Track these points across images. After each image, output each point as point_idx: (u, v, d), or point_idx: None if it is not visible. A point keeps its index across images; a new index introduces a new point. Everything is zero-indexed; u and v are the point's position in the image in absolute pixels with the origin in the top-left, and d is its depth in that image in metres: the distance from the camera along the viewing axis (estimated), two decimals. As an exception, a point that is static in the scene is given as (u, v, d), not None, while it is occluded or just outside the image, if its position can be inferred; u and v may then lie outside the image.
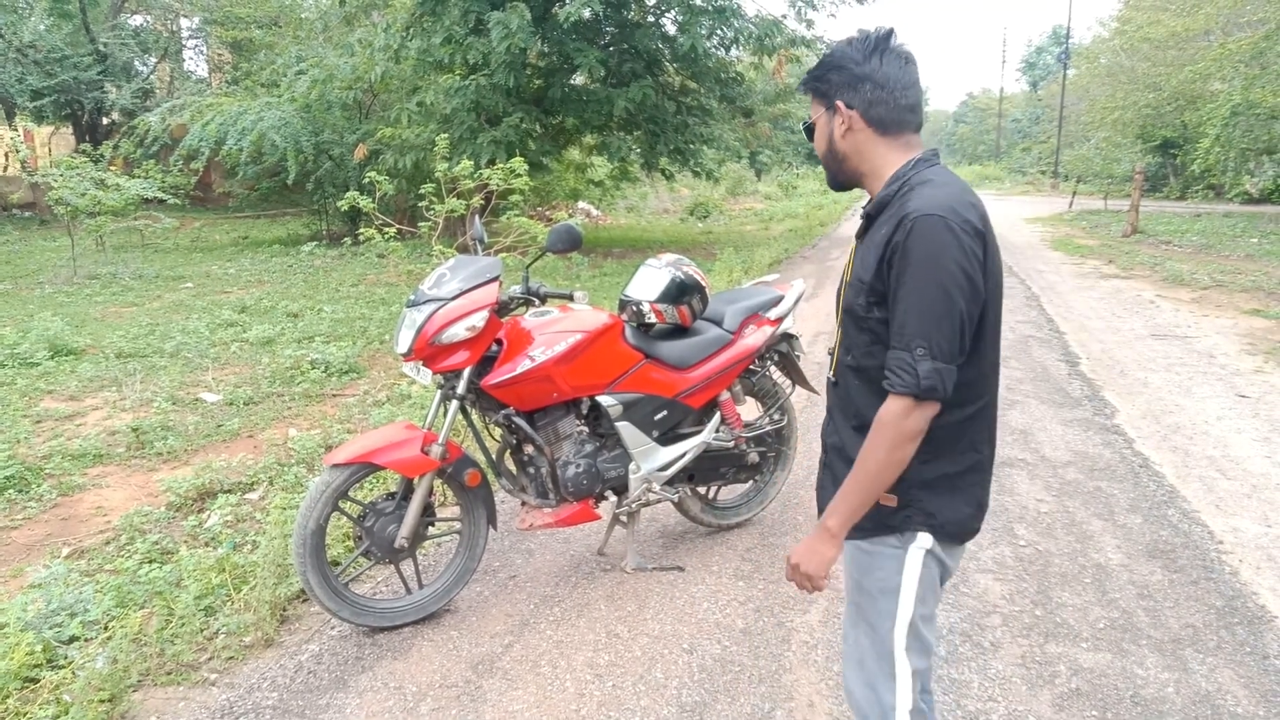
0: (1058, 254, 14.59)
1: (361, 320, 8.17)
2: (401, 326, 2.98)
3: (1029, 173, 45.94)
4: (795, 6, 13.20)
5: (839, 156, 1.73)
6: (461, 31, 11.08)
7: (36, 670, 2.68)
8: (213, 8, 21.18)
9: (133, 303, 9.55)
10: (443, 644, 2.99)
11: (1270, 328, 8.19)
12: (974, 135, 70.34)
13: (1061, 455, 4.79)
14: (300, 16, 19.84)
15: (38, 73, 18.03)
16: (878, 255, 1.60)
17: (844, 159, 1.73)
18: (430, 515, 3.13)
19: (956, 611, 3.17)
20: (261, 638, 2.98)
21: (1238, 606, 3.21)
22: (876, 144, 1.68)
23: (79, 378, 6.17)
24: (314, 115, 14.02)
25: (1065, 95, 39.31)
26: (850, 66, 1.66)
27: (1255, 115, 17.18)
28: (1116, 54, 28.13)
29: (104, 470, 4.59)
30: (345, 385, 6.16)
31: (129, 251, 13.37)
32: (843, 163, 1.73)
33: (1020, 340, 7.69)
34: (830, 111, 1.70)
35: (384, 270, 10.95)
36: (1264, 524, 3.93)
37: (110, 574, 3.37)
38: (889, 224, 1.59)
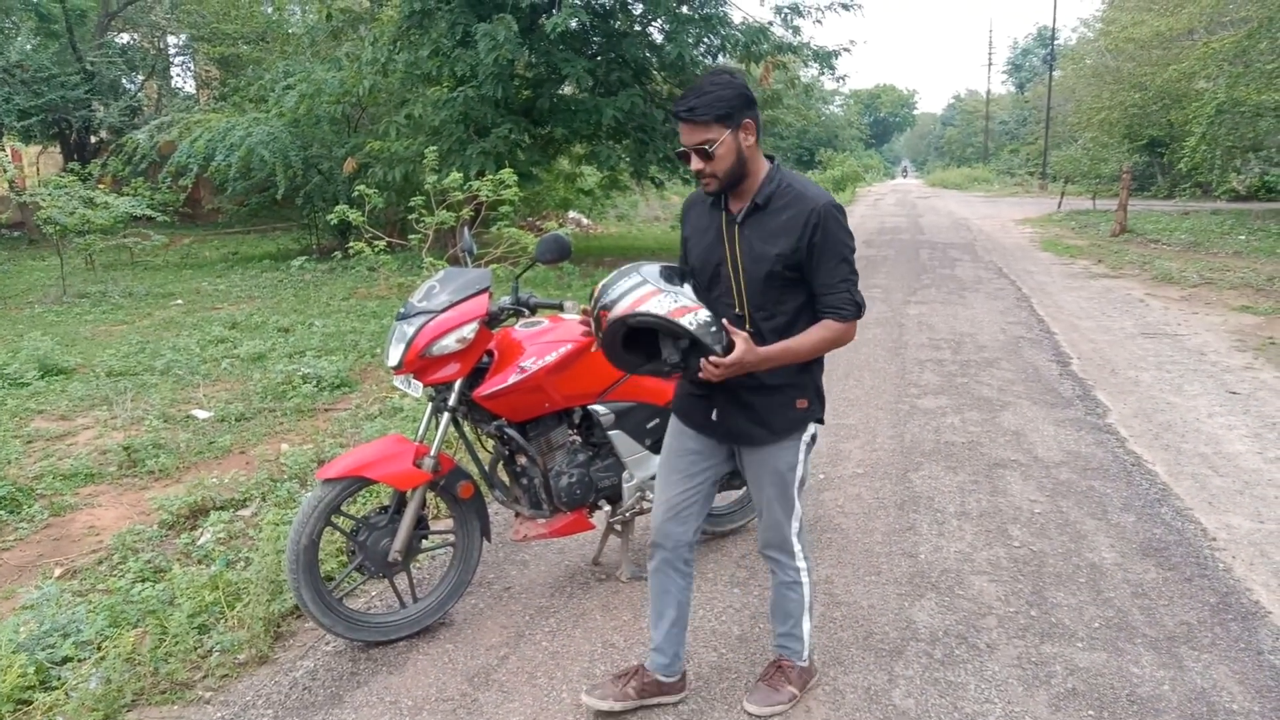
0: (1047, 254, 14.65)
1: (352, 334, 8.15)
2: (392, 340, 2.97)
3: (1017, 174, 46.09)
4: (781, 14, 13.25)
5: (742, 163, 2.25)
6: (449, 44, 11.10)
7: (29, 692, 2.67)
8: (200, 25, 21.14)
9: (123, 321, 9.52)
10: (438, 657, 2.98)
11: (1259, 324, 8.23)
12: (962, 138, 70.57)
13: (1054, 455, 4.80)
14: (287, 32, 19.86)
15: (25, 92, 17.98)
16: (797, 235, 2.23)
17: (744, 165, 2.26)
18: (423, 528, 3.12)
19: (951, 614, 3.17)
20: (256, 655, 2.97)
21: (1232, 603, 3.22)
22: (757, 151, 2.28)
23: (69, 397, 6.15)
24: (302, 130, 14.00)
25: (1052, 96, 39.50)
26: (746, 91, 2.21)
27: (1240, 113, 17.27)
28: (1101, 54, 28.30)
29: (96, 489, 4.57)
30: (337, 399, 6.14)
31: (118, 269, 13.34)
32: (743, 168, 2.26)
33: (1011, 341, 7.71)
34: (735, 130, 2.20)
35: (374, 283, 10.93)
36: (1256, 520, 3.94)
37: (103, 594, 3.35)
38: (791, 212, 2.24)
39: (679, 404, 2.55)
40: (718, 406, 2.41)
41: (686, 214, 2.52)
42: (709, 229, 2.38)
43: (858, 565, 3.58)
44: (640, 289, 2.19)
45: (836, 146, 49.53)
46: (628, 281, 2.22)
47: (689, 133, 2.21)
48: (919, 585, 3.40)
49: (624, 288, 2.20)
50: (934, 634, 3.04)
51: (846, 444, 5.07)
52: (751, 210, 2.29)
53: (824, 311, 2.30)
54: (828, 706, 2.65)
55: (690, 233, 2.47)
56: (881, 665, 2.86)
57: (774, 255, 2.24)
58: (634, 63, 12.54)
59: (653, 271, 2.26)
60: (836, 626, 3.11)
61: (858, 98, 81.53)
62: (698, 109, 2.17)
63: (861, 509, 4.15)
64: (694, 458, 2.51)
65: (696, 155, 2.22)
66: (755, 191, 2.29)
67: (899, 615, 3.18)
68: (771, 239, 2.25)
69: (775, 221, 2.26)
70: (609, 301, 2.19)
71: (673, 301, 2.16)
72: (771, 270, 2.26)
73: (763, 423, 2.39)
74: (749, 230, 2.29)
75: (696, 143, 2.20)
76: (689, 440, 2.52)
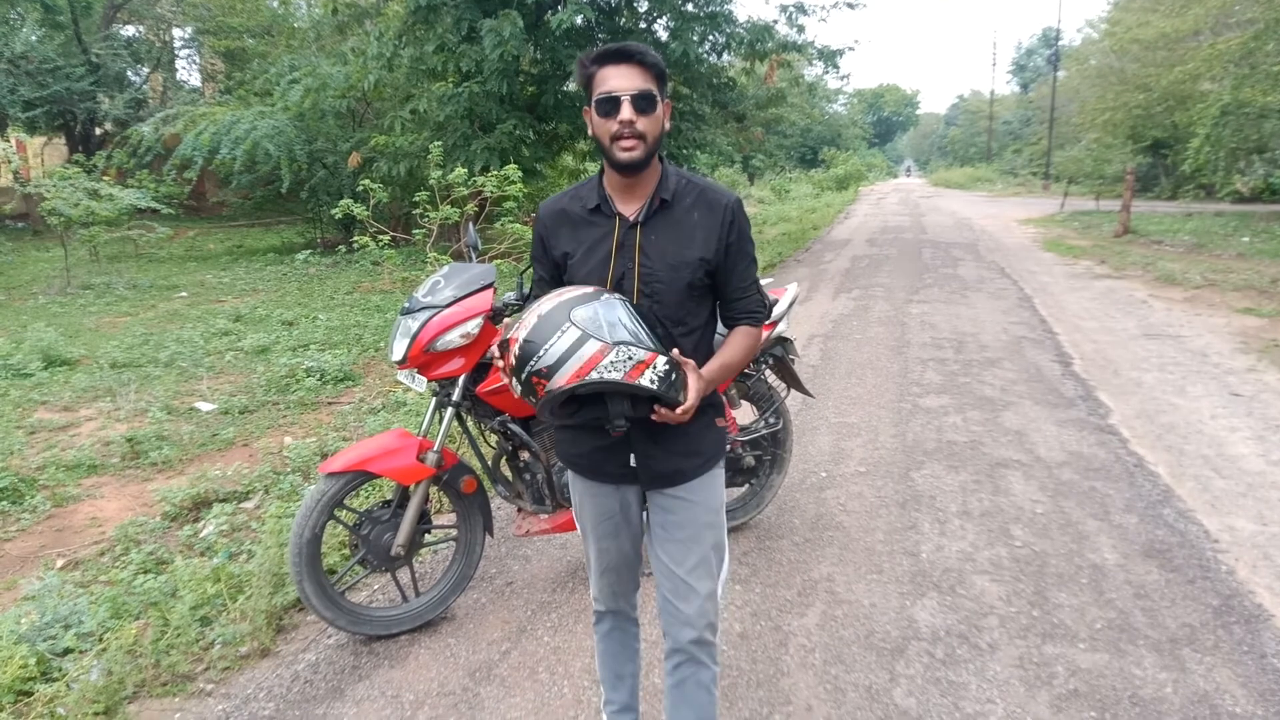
0: (1050, 255, 14.62)
1: (356, 328, 8.16)
2: (396, 334, 2.98)
3: (1020, 174, 46.05)
4: (786, 11, 13.22)
5: (659, 140, 1.91)
6: (454, 39, 11.09)
7: (30, 683, 2.67)
8: (205, 18, 21.15)
9: (127, 313, 9.53)
10: (440, 652, 2.99)
11: (1263, 326, 8.22)
12: (965, 138, 70.52)
13: (1056, 456, 4.80)
14: (293, 26, 19.85)
15: (30, 84, 17.99)
16: (716, 235, 1.94)
17: (659, 144, 1.92)
18: (426, 523, 3.13)
19: (953, 614, 3.17)
20: (258, 647, 2.97)
21: (1234, 605, 3.22)
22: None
23: (73, 388, 6.16)
24: (307, 124, 14.00)
25: (1056, 97, 39.43)
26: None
27: (1245, 114, 17.25)
28: (1106, 55, 28.22)
29: (98, 481, 4.58)
30: (340, 393, 6.14)
31: (123, 261, 13.35)
32: (656, 146, 1.91)
33: (1013, 341, 7.70)
34: (663, 100, 1.90)
35: (378, 278, 10.94)
36: (1260, 522, 3.94)
37: (105, 585, 3.35)
38: (702, 210, 1.95)
39: (581, 460, 2.09)
40: (636, 450, 2.00)
41: (552, 230, 2.04)
42: (598, 241, 1.96)
43: (859, 564, 3.58)
44: (583, 349, 1.72)
45: (840, 145, 49.49)
46: (563, 340, 1.73)
47: (627, 75, 1.84)
48: (921, 584, 3.40)
49: (561, 348, 1.73)
50: (935, 633, 3.04)
51: (848, 442, 5.07)
52: (655, 209, 1.95)
53: (739, 318, 2.05)
54: (829, 705, 2.65)
55: (567, 249, 2.00)
56: (883, 664, 2.86)
57: (696, 260, 1.93)
58: (639, 60, 12.52)
59: (587, 316, 1.75)
60: (838, 625, 3.11)
61: (861, 97, 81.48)
62: (644, 53, 1.86)
63: (863, 507, 4.15)
64: (619, 519, 2.12)
65: (631, 104, 1.83)
66: (657, 186, 1.95)
67: (900, 614, 3.18)
68: (687, 242, 1.94)
69: (687, 222, 1.94)
70: (544, 368, 1.74)
71: (626, 359, 1.73)
72: (693, 279, 1.93)
73: (694, 450, 2.02)
74: (655, 234, 1.94)
75: (639, 89, 1.83)
76: (604, 499, 2.11)
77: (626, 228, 1.95)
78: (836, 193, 34.23)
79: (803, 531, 3.88)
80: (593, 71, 1.87)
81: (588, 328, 1.73)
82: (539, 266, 2.11)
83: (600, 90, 1.85)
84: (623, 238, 1.94)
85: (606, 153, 1.89)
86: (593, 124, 1.89)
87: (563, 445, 2.16)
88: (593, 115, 1.88)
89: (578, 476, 2.15)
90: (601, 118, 1.86)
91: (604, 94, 1.84)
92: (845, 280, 11.51)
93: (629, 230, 1.94)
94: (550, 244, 2.04)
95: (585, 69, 1.89)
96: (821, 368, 6.84)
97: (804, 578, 3.46)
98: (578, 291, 1.81)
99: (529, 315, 1.78)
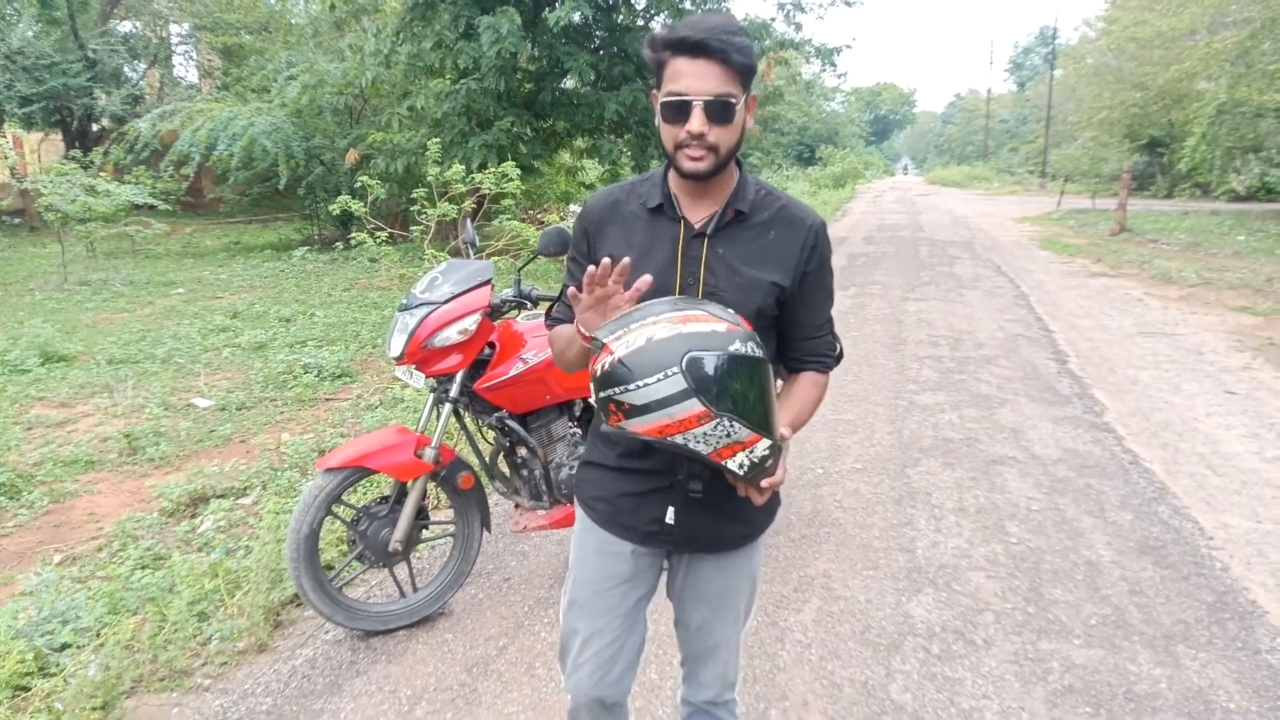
0: (1046, 253, 14.65)
1: (354, 325, 8.15)
2: (394, 331, 2.98)
3: (1017, 173, 46.12)
4: (784, 9, 13.23)
5: (736, 148, 1.60)
6: (451, 36, 11.08)
7: (28, 678, 2.67)
8: (202, 14, 21.10)
9: (124, 309, 9.51)
10: (437, 647, 2.99)
11: (1258, 324, 8.24)
12: (962, 136, 70.62)
13: (1051, 453, 4.81)
14: (290, 22, 19.80)
15: (26, 79, 17.94)
16: (794, 260, 1.65)
17: (737, 149, 1.61)
18: (424, 519, 3.13)
19: (949, 609, 3.19)
20: (255, 643, 2.98)
21: (1229, 602, 3.23)
22: None
23: (70, 384, 6.15)
24: (305, 120, 13.99)
25: (1053, 95, 39.50)
26: (756, 55, 1.56)
27: (1241, 113, 17.30)
28: (1103, 54, 28.27)
29: (96, 477, 4.57)
30: (338, 389, 6.14)
31: (120, 258, 13.32)
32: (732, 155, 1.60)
33: (1009, 339, 7.72)
34: (747, 97, 1.58)
35: (376, 274, 10.93)
36: (1254, 519, 3.95)
37: (102, 580, 3.36)
38: (782, 229, 1.66)
39: (602, 506, 1.76)
40: (676, 504, 1.67)
41: (601, 226, 1.72)
42: (656, 245, 1.65)
43: (855, 560, 3.59)
44: (683, 405, 1.40)
45: (837, 143, 49.53)
46: (664, 385, 1.39)
47: (704, 74, 1.49)
48: (916, 580, 3.41)
49: (658, 394, 1.40)
50: (931, 629, 3.05)
51: (845, 439, 5.08)
52: (727, 221, 1.64)
53: (808, 361, 1.75)
54: (825, 700, 2.66)
55: (615, 251, 1.60)
56: (879, 659, 2.87)
57: (769, 284, 1.63)
58: (636, 57, 12.49)
59: (705, 371, 1.40)
60: (834, 620, 3.12)
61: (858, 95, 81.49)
62: (729, 47, 1.48)
63: (859, 504, 4.16)
64: (625, 587, 1.77)
65: (705, 111, 1.50)
66: (731, 195, 1.65)
67: (896, 610, 3.19)
68: (759, 262, 1.64)
69: (762, 240, 1.65)
70: (628, 404, 1.43)
71: (725, 435, 1.42)
72: (763, 305, 1.63)
73: (742, 516, 1.71)
74: (725, 248, 1.64)
75: (719, 92, 1.50)
76: (618, 563, 1.76)
77: (691, 236, 1.64)
78: (833, 191, 34.21)
79: (799, 528, 3.90)
80: (664, 58, 1.53)
81: (695, 380, 1.39)
82: (575, 268, 1.76)
83: (669, 88, 1.52)
84: (690, 248, 1.64)
85: (670, 157, 1.61)
86: (657, 118, 1.57)
87: (585, 485, 1.81)
88: (657, 109, 1.56)
89: (591, 528, 1.78)
90: (668, 122, 1.54)
91: (673, 95, 1.52)
92: (842, 277, 11.51)
93: (694, 240, 1.64)
94: (596, 243, 1.72)
95: (656, 52, 1.55)
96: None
97: (800, 573, 3.47)
98: (707, 327, 1.43)
99: (637, 330, 1.43)
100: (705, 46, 1.48)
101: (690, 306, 1.47)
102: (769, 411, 1.47)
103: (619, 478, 1.73)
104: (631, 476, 1.71)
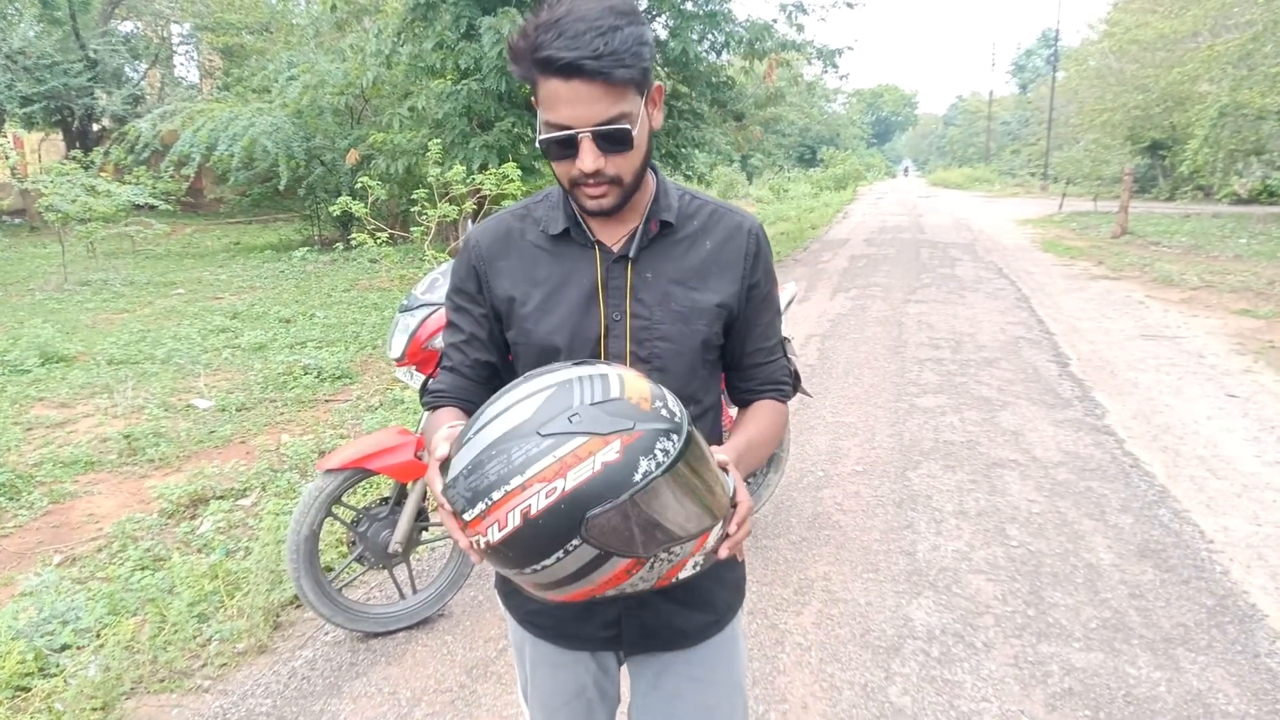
0: (1047, 255, 14.64)
1: (354, 325, 8.16)
2: (394, 331, 2.98)
3: (1019, 175, 46.11)
4: (786, 10, 13.22)
5: (646, 162, 1.29)
6: (453, 37, 11.08)
7: (28, 679, 2.68)
8: (203, 14, 21.13)
9: (124, 309, 9.52)
10: (437, 649, 2.99)
11: (1259, 328, 8.23)
12: (964, 138, 70.63)
13: (1052, 456, 4.81)
14: (291, 22, 19.80)
15: (27, 79, 17.97)
16: (738, 274, 1.35)
17: (648, 162, 1.30)
18: (424, 520, 3.13)
19: (949, 612, 3.18)
20: (255, 644, 2.98)
21: (1229, 605, 3.23)
22: None
23: (70, 385, 6.15)
24: (305, 121, 14.00)
25: (1054, 98, 39.46)
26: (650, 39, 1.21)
27: (1243, 116, 17.30)
28: (1105, 56, 28.26)
29: (95, 477, 4.57)
30: (338, 391, 6.14)
31: (120, 258, 13.33)
32: (641, 175, 1.28)
33: (1011, 341, 7.72)
34: (646, 97, 1.23)
35: (376, 275, 10.94)
36: (1254, 523, 3.95)
37: (102, 581, 3.36)
38: (716, 237, 1.36)
39: (542, 620, 1.42)
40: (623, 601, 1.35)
41: (491, 260, 1.37)
42: (569, 280, 1.33)
43: (855, 562, 3.59)
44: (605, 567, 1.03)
45: (838, 145, 49.56)
46: (570, 560, 1.01)
47: (587, 100, 1.15)
48: (916, 583, 3.41)
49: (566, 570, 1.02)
50: (931, 632, 3.05)
51: (845, 442, 5.08)
52: (651, 237, 1.33)
53: (763, 390, 1.47)
54: (824, 703, 2.66)
55: (515, 294, 1.34)
56: (878, 662, 2.87)
57: (712, 308, 1.33)
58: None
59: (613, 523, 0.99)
60: (834, 624, 3.12)
61: (860, 97, 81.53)
62: (615, 57, 1.13)
63: (860, 506, 4.16)
64: (591, 698, 1.46)
65: (596, 144, 1.18)
66: (651, 205, 1.33)
67: (896, 613, 3.19)
68: (698, 281, 1.33)
69: (696, 254, 1.35)
70: (530, 578, 1.06)
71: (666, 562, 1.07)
72: (708, 335, 1.34)
73: (702, 599, 1.40)
74: (653, 270, 1.33)
75: (606, 119, 1.16)
76: (573, 671, 1.44)
77: (610, 262, 1.32)
78: (835, 192, 34.24)
79: (799, 530, 3.89)
80: (534, 77, 1.18)
81: (616, 543, 1.00)
82: (462, 319, 1.39)
83: (546, 117, 1.18)
84: (611, 279, 1.32)
85: (566, 192, 1.29)
86: (543, 150, 1.22)
87: (516, 597, 1.44)
88: (539, 141, 1.22)
89: (535, 641, 1.45)
90: (553, 159, 1.22)
91: (553, 126, 1.18)
92: (843, 280, 11.52)
93: (614, 265, 1.32)
94: (489, 281, 1.36)
95: (521, 69, 1.20)
96: (819, 367, 6.85)
97: (800, 576, 3.47)
98: (593, 465, 0.98)
99: (501, 502, 0.99)
100: (579, 68, 1.12)
101: (561, 427, 1.00)
102: (710, 496, 1.07)
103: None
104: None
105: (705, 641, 1.41)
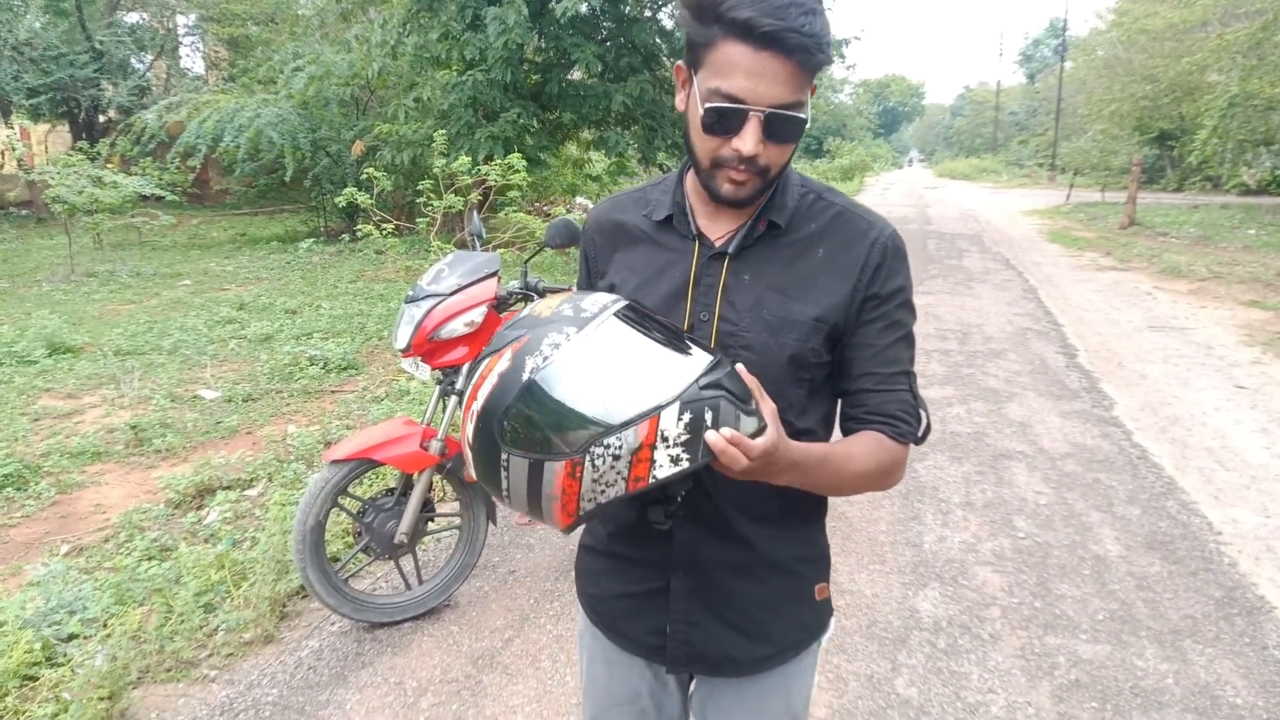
0: (1055, 246, 14.58)
1: (360, 316, 8.16)
2: (400, 322, 2.97)
3: (1026, 165, 45.92)
4: None
5: (787, 165, 1.20)
6: (458, 27, 11.06)
7: (35, 668, 2.68)
8: (209, 5, 21.10)
9: (130, 300, 9.53)
10: (443, 639, 3.00)
11: (1268, 319, 8.19)
12: (971, 128, 70.33)
13: (1060, 447, 4.79)
14: (297, 13, 19.75)
15: (33, 70, 17.97)
16: (850, 285, 1.20)
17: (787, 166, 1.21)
18: (430, 511, 3.13)
19: (955, 604, 3.18)
20: (261, 634, 2.98)
21: (1237, 597, 3.22)
22: None
23: (77, 375, 6.17)
24: (311, 112, 13.98)
25: (1063, 88, 39.26)
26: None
27: (1253, 106, 17.16)
28: (1113, 46, 28.09)
29: (103, 468, 4.58)
30: (344, 381, 6.15)
31: (126, 249, 13.35)
32: (780, 174, 1.19)
33: (1018, 332, 7.69)
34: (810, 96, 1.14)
35: (382, 266, 10.93)
36: (1263, 515, 3.93)
37: (109, 571, 3.37)
38: (834, 243, 1.21)
39: (603, 609, 1.38)
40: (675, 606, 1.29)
41: (602, 248, 1.34)
42: (661, 271, 1.26)
43: (862, 554, 3.58)
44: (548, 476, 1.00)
45: (845, 135, 49.40)
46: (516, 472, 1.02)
47: (772, 78, 1.05)
48: (923, 575, 3.40)
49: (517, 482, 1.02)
50: (938, 623, 3.05)
51: (852, 433, 5.06)
52: (757, 236, 1.22)
53: (868, 419, 1.23)
54: (831, 694, 2.65)
55: (619, 280, 1.29)
56: (885, 653, 2.87)
57: (809, 321, 1.19)
58: (644, 48, 12.48)
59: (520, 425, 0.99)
60: (841, 615, 3.12)
61: (867, 87, 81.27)
62: (817, 39, 1.05)
63: (866, 498, 4.15)
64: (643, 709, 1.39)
65: (763, 128, 1.08)
66: (765, 202, 1.22)
67: (903, 604, 3.18)
68: (801, 290, 1.20)
69: (805, 261, 1.22)
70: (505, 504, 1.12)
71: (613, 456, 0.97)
72: (801, 350, 1.20)
73: (760, 630, 1.30)
74: (751, 273, 1.22)
75: (787, 101, 1.07)
76: (627, 674, 1.38)
77: (708, 256, 1.23)
78: (841, 183, 34.12)
79: (805, 521, 3.89)
80: (712, 37, 1.06)
81: (534, 446, 0.99)
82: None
83: (718, 84, 1.07)
84: (705, 273, 1.23)
85: (699, 171, 1.18)
86: (688, 118, 1.15)
87: (582, 577, 1.43)
88: (690, 107, 1.14)
89: (593, 631, 1.41)
90: (708, 131, 1.11)
91: (724, 98, 1.07)
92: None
93: (711, 261, 1.23)
94: (600, 268, 1.34)
95: (703, 25, 1.07)
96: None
97: (806, 568, 3.46)
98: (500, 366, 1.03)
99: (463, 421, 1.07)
100: (780, 40, 1.02)
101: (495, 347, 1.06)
102: (635, 380, 0.98)
103: (613, 569, 1.35)
104: (626, 568, 1.32)
105: (757, 675, 1.32)
